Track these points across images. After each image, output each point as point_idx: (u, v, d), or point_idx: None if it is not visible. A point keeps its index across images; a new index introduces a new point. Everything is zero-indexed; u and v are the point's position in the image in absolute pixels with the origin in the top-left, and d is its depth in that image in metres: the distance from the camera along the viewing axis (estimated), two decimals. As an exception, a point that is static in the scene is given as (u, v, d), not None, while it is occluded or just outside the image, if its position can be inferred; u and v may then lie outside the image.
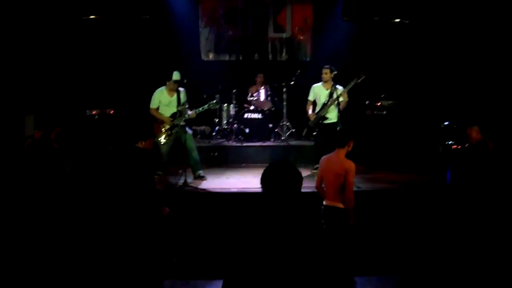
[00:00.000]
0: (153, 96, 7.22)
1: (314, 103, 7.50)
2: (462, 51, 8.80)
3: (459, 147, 7.18)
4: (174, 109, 7.13)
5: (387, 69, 9.28)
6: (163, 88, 7.23)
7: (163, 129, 7.11)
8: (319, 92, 7.38)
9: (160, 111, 7.21)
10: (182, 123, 7.09)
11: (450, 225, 5.62)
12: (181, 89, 7.20)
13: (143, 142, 5.19)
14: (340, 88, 7.18)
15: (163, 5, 9.59)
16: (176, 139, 7.21)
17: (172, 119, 7.14)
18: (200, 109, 7.23)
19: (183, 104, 7.14)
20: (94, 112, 8.42)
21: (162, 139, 7.09)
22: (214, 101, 7.35)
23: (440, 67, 9.00)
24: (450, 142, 7.50)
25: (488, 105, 8.21)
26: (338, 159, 4.83)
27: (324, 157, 5.02)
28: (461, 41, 8.82)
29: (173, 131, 7.12)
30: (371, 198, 6.36)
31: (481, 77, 8.61)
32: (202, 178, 7.27)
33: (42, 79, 8.59)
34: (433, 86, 8.98)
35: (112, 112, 8.56)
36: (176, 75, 7.08)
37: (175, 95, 7.15)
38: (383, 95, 8.83)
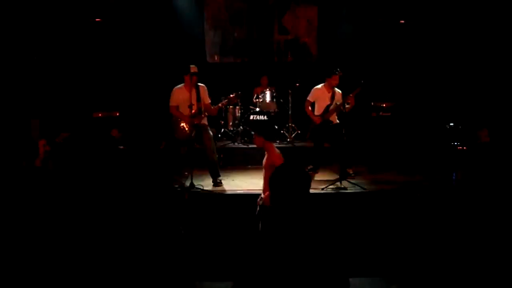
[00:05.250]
0: (171, 93, 6.83)
1: (312, 105, 7.48)
2: (468, 52, 8.80)
3: (464, 148, 7.19)
4: (194, 107, 6.62)
5: (393, 70, 9.28)
6: (181, 84, 6.83)
7: (183, 129, 6.76)
8: (321, 95, 7.34)
9: (180, 109, 6.77)
10: (203, 121, 6.72)
11: (456, 227, 5.62)
12: (201, 84, 6.79)
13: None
14: (339, 91, 7.26)
15: (169, 8, 9.63)
16: (196, 139, 6.77)
17: (191, 118, 6.65)
18: (220, 104, 6.91)
19: (203, 102, 6.71)
20: (100, 115, 8.47)
21: (182, 139, 6.74)
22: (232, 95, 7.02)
23: (445, 68, 9.00)
24: (455, 143, 7.50)
25: (493, 105, 8.21)
26: None
27: None
28: (467, 42, 8.82)
29: (194, 130, 6.68)
30: (377, 199, 6.37)
31: (486, 77, 8.60)
32: (219, 184, 6.87)
33: (47, 82, 8.63)
34: (438, 87, 8.98)
35: (117, 114, 8.61)
36: (194, 68, 6.70)
37: (194, 92, 6.68)
38: (388, 97, 8.84)
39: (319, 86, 7.41)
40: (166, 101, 6.91)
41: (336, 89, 7.27)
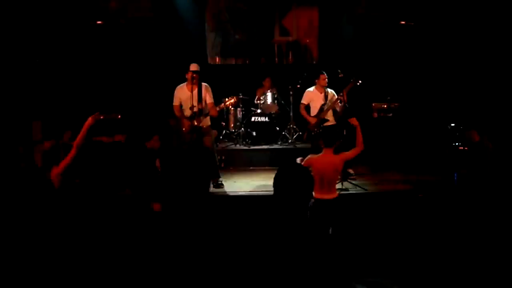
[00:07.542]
0: (174, 92, 6.77)
1: (307, 107, 7.54)
2: (468, 53, 8.81)
3: (465, 148, 7.20)
4: (195, 108, 6.50)
5: (394, 71, 9.29)
6: (183, 83, 6.73)
7: (184, 129, 6.63)
8: (314, 96, 7.42)
9: (183, 108, 6.70)
10: (203, 123, 6.60)
11: (458, 227, 5.62)
12: (204, 83, 6.68)
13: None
14: (331, 91, 7.34)
15: (170, 10, 9.65)
16: (197, 141, 6.66)
17: (190, 121, 6.56)
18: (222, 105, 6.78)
19: (205, 101, 6.57)
20: (102, 117, 8.45)
21: (183, 141, 6.64)
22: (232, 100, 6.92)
23: (446, 69, 9.00)
24: (457, 144, 7.50)
25: (494, 106, 8.22)
26: None
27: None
28: (467, 43, 8.82)
29: (194, 133, 6.56)
30: (379, 200, 6.37)
31: (487, 78, 8.61)
32: (220, 186, 6.88)
33: (49, 84, 8.64)
34: (439, 88, 8.99)
35: (119, 117, 8.59)
36: (194, 66, 6.60)
37: (196, 91, 6.51)
38: (389, 98, 8.85)
39: (311, 88, 7.50)
40: (168, 104, 6.92)
41: (328, 89, 7.35)
